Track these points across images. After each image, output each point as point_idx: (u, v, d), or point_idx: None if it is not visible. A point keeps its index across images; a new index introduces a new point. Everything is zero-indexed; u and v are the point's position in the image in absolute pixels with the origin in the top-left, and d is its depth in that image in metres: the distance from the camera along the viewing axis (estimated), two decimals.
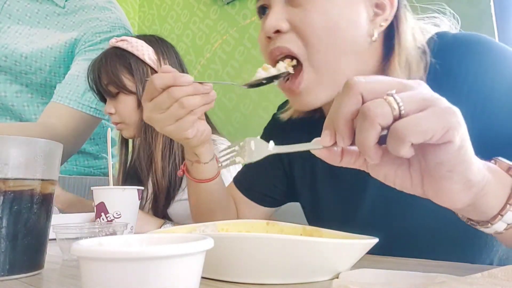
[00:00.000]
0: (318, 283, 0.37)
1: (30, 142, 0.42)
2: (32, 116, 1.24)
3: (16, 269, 0.40)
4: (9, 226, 0.39)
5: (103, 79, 0.92)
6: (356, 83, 0.31)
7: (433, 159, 0.31)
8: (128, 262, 0.23)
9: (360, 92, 0.31)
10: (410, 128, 0.28)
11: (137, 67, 0.92)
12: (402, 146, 0.29)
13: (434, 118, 0.29)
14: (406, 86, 0.31)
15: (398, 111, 0.29)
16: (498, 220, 0.34)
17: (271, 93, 1.44)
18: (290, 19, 0.50)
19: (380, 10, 0.52)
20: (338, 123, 0.32)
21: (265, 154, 0.40)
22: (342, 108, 0.31)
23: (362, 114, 0.30)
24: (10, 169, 0.40)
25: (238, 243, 0.36)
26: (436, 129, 0.28)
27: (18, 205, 0.40)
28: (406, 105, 0.29)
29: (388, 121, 0.29)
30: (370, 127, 0.29)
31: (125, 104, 0.93)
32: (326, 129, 0.34)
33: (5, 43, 1.18)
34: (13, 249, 0.40)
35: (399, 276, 0.34)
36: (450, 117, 0.29)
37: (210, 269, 0.37)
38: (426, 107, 0.29)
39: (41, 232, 0.43)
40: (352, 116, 0.31)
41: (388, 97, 0.29)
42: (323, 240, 0.36)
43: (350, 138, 0.32)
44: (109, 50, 0.95)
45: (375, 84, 0.31)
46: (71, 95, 1.14)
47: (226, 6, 1.65)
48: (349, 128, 0.32)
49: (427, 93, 0.30)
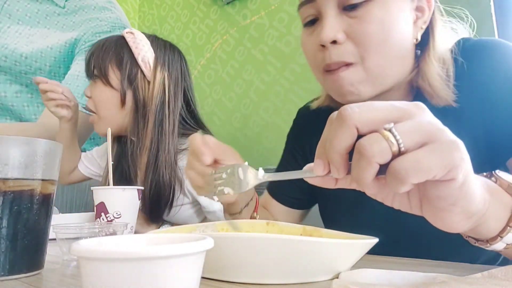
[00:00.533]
0: (318, 283, 0.37)
1: (30, 142, 0.42)
2: (32, 116, 1.24)
3: (16, 269, 0.40)
4: (9, 226, 0.39)
5: (93, 60, 0.88)
6: (350, 114, 0.29)
7: (433, 193, 0.29)
8: (128, 262, 0.23)
9: (355, 125, 0.29)
10: (410, 168, 0.27)
11: (126, 64, 0.87)
12: (402, 187, 0.28)
13: (437, 156, 0.27)
14: (404, 113, 0.29)
15: (397, 148, 0.27)
16: (497, 241, 0.34)
17: (271, 93, 1.44)
18: (347, 30, 0.51)
19: (420, 13, 0.53)
20: (332, 157, 0.30)
21: (255, 183, 0.39)
22: (336, 142, 0.29)
23: (359, 152, 0.28)
24: (10, 169, 0.40)
25: (238, 243, 0.36)
26: (439, 169, 0.27)
27: (18, 205, 0.40)
28: (406, 141, 0.27)
29: (386, 158, 0.28)
30: (367, 165, 0.28)
31: (100, 92, 0.89)
32: (319, 158, 0.32)
33: (5, 43, 1.19)
34: (13, 249, 0.40)
35: (399, 276, 0.34)
36: (453, 154, 0.27)
37: (210, 269, 0.37)
38: (428, 141, 0.27)
39: (41, 232, 0.43)
40: (347, 150, 0.30)
41: (385, 131, 0.28)
42: (323, 240, 0.36)
43: (345, 170, 0.31)
44: (115, 37, 0.92)
45: (370, 114, 0.29)
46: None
47: (226, 6, 1.65)
48: (344, 160, 0.30)
49: (428, 124, 0.28)
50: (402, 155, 0.27)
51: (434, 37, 0.54)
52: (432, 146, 0.27)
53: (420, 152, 0.27)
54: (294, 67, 1.38)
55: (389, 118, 0.28)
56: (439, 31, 0.54)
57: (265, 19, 1.50)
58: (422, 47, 0.55)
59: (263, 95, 1.47)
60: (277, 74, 1.43)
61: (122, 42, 0.90)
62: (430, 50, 0.54)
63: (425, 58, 0.54)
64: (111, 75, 0.87)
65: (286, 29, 1.42)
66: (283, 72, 1.41)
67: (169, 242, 0.30)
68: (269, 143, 1.42)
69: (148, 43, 0.91)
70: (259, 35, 1.52)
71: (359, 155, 0.28)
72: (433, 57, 0.53)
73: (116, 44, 0.89)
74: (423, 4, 0.53)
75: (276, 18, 1.45)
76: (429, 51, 0.54)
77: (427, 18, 0.54)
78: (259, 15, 1.52)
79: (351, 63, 0.51)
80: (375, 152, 0.27)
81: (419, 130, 0.28)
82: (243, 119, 1.50)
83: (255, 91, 1.50)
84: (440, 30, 0.55)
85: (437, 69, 0.53)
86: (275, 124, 1.42)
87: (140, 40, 0.90)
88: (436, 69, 0.53)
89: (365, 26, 0.50)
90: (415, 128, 0.28)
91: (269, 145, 1.42)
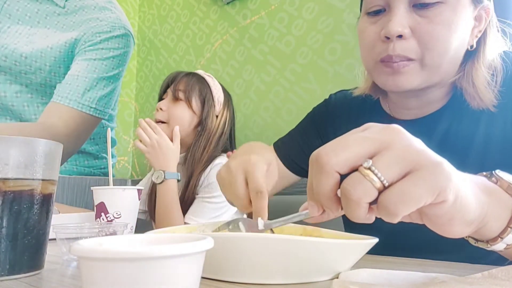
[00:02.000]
0: (318, 283, 0.37)
1: (30, 142, 0.42)
2: (32, 116, 1.24)
3: (16, 269, 0.40)
4: (9, 226, 0.40)
5: (180, 85, 1.11)
6: (327, 161, 0.29)
7: (429, 213, 0.30)
8: (127, 262, 0.23)
9: (334, 170, 0.29)
10: (399, 202, 0.27)
11: (208, 99, 1.13)
12: (395, 218, 0.28)
13: (422, 184, 0.27)
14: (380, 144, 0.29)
15: (381, 184, 0.28)
16: (498, 242, 0.34)
17: (270, 93, 1.44)
18: (413, 27, 0.52)
19: (478, 22, 0.56)
20: (322, 201, 0.31)
21: None
22: (321, 188, 0.30)
23: (344, 196, 0.29)
24: (10, 169, 0.40)
25: (237, 243, 0.36)
26: (427, 196, 0.27)
27: (18, 205, 0.40)
28: (388, 175, 0.27)
29: (373, 196, 0.28)
30: (356, 207, 0.28)
31: (182, 111, 1.10)
32: (312, 201, 0.32)
33: (5, 43, 1.18)
34: (13, 249, 0.40)
35: (399, 276, 0.34)
36: (438, 178, 0.27)
37: (210, 269, 0.37)
38: (411, 169, 0.28)
39: (41, 232, 0.43)
40: (334, 192, 0.30)
41: (365, 170, 0.28)
42: (323, 240, 0.36)
43: (338, 208, 0.31)
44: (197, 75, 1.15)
45: (347, 154, 0.29)
46: (71, 95, 1.14)
47: (226, 6, 1.65)
48: (335, 201, 0.31)
49: (407, 150, 0.28)
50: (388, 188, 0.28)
51: (486, 45, 0.56)
52: (416, 175, 0.27)
53: (405, 183, 0.27)
54: (294, 67, 1.38)
55: (365, 153, 0.29)
56: (491, 40, 0.57)
57: (265, 19, 1.50)
58: (471, 52, 0.57)
59: (264, 95, 1.47)
60: (277, 74, 1.43)
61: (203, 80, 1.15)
62: (480, 57, 0.56)
63: (474, 63, 0.56)
64: (193, 102, 1.11)
65: (286, 29, 1.42)
66: (283, 72, 1.41)
67: (169, 242, 0.30)
68: (269, 143, 1.42)
69: (220, 87, 1.18)
70: (259, 35, 1.52)
71: (346, 199, 0.29)
72: (482, 63, 0.55)
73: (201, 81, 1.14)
74: (482, 14, 0.56)
75: (276, 18, 1.45)
76: (479, 57, 0.56)
77: (483, 27, 0.56)
78: (259, 15, 1.52)
79: (412, 59, 0.53)
80: (360, 194, 0.28)
81: (399, 160, 0.28)
82: (243, 119, 1.50)
83: (255, 91, 1.50)
84: (492, 39, 0.57)
85: (485, 74, 0.55)
86: (275, 124, 1.42)
87: (217, 84, 1.17)
88: (484, 74, 0.55)
89: (433, 27, 0.51)
90: (395, 159, 0.28)
91: (269, 145, 1.42)
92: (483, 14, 0.56)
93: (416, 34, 0.52)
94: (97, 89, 1.19)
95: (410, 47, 0.52)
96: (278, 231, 0.52)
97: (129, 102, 2.10)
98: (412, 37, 0.52)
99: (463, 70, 0.57)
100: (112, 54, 1.22)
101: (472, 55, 0.57)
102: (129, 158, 2.02)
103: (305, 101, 1.33)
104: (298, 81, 1.36)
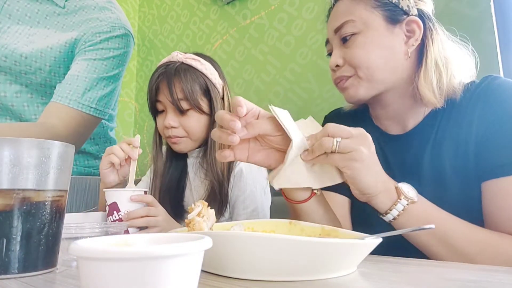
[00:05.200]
0: (321, 281, 0.37)
1: (43, 144, 0.42)
2: (32, 116, 1.24)
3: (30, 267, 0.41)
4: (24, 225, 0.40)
5: (178, 93, 0.94)
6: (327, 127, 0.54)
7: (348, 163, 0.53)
8: (126, 262, 0.23)
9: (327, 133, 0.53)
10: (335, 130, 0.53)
11: (213, 91, 0.98)
12: None
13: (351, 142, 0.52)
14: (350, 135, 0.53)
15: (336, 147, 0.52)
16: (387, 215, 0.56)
17: (270, 93, 1.44)
18: (344, 55, 0.69)
19: (411, 34, 0.68)
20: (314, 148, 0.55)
21: None
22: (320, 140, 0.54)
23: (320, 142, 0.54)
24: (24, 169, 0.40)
25: (239, 241, 0.36)
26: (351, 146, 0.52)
27: (31, 206, 0.40)
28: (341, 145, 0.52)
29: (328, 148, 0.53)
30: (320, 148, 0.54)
31: (195, 121, 0.97)
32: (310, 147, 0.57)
33: (5, 43, 1.18)
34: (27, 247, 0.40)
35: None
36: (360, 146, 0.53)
37: (212, 264, 0.37)
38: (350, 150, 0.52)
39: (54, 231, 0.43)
40: None
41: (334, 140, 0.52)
42: (326, 241, 0.37)
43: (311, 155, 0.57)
44: (182, 65, 0.97)
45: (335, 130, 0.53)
46: (71, 95, 1.14)
47: (226, 6, 1.65)
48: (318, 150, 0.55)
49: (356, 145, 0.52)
50: None
51: (427, 52, 0.66)
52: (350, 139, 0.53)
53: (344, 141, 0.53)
54: (294, 67, 1.38)
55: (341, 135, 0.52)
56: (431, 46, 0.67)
57: (265, 19, 1.50)
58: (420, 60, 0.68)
59: (263, 95, 1.47)
60: (277, 74, 1.43)
61: (194, 71, 0.97)
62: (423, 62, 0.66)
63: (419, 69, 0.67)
64: (202, 104, 0.97)
65: (286, 29, 1.42)
66: (283, 72, 1.41)
67: (168, 242, 0.30)
68: None
69: (210, 66, 1.01)
70: (259, 35, 1.52)
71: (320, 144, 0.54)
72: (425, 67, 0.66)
73: (195, 75, 0.97)
74: (413, 27, 0.67)
75: (276, 18, 1.46)
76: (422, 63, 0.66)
77: (418, 37, 0.67)
78: (259, 15, 1.52)
79: (349, 76, 0.69)
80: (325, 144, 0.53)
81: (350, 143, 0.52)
82: None
83: (255, 91, 1.50)
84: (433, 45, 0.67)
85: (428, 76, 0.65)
86: None
87: (206, 64, 1.00)
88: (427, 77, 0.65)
89: (352, 51, 0.68)
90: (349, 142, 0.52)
91: None
92: (415, 26, 0.67)
93: (347, 61, 0.69)
94: (97, 89, 1.19)
95: (345, 70, 0.69)
96: (299, 230, 0.54)
97: (129, 102, 2.10)
98: (345, 63, 0.69)
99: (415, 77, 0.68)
100: (112, 54, 1.22)
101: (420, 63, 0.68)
102: None
103: (305, 101, 1.33)
104: (298, 81, 1.36)
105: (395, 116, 0.73)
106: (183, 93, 0.94)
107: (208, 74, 0.98)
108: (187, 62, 0.97)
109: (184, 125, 0.97)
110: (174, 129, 0.97)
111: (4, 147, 0.40)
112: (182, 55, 0.99)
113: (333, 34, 0.72)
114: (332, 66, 0.71)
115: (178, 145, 1.00)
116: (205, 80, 0.98)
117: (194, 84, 0.96)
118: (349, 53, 0.68)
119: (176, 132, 0.98)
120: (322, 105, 1.27)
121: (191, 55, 0.99)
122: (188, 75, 0.96)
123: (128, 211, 0.78)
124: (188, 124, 0.97)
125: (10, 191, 0.40)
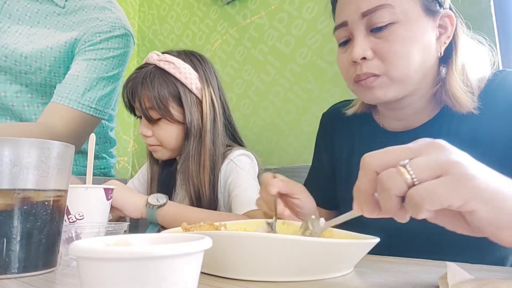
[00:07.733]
0: (320, 281, 0.37)
1: (43, 144, 0.42)
2: (32, 116, 1.24)
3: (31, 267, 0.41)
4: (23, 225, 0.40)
5: (146, 102, 0.89)
6: (368, 161, 0.33)
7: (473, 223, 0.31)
8: (126, 261, 0.23)
9: (374, 170, 0.33)
10: (424, 196, 0.29)
11: (186, 98, 0.90)
12: (420, 212, 0.30)
13: (449, 187, 0.29)
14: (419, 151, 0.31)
15: (411, 181, 0.30)
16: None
17: (270, 93, 1.44)
18: (375, 48, 0.59)
19: (443, 30, 0.61)
20: (360, 199, 0.34)
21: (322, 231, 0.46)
22: (361, 186, 0.34)
23: (379, 186, 0.32)
24: (24, 169, 0.40)
25: (239, 241, 0.36)
26: (452, 199, 0.29)
27: (32, 205, 0.40)
28: (418, 173, 0.30)
29: (402, 190, 0.31)
30: (388, 198, 0.32)
31: (166, 131, 0.92)
32: (355, 200, 0.36)
33: (5, 43, 1.18)
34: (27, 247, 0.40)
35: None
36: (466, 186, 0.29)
37: (212, 266, 0.37)
38: (441, 174, 0.30)
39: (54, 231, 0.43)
40: (372, 191, 0.34)
41: (400, 167, 0.31)
42: (324, 241, 0.36)
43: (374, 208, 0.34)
44: (153, 70, 0.91)
45: (386, 157, 0.33)
46: (71, 95, 1.14)
47: (226, 6, 1.65)
48: (371, 201, 0.34)
49: (442, 158, 0.30)
50: None
51: (457, 50, 0.60)
52: (445, 178, 0.30)
53: (433, 182, 0.30)
54: (294, 67, 1.38)
55: (403, 157, 0.32)
56: (461, 45, 0.61)
57: (265, 19, 1.50)
58: (446, 60, 0.61)
59: (263, 95, 1.47)
60: (277, 74, 1.43)
61: (167, 76, 0.89)
62: (453, 63, 0.60)
63: (448, 70, 0.60)
64: (174, 112, 0.90)
65: (286, 29, 1.42)
66: (283, 72, 1.41)
67: (168, 242, 0.30)
68: (269, 143, 1.42)
69: (189, 67, 0.92)
70: (259, 35, 1.52)
71: (380, 189, 0.32)
72: (455, 70, 0.60)
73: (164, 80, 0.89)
74: (446, 22, 0.60)
75: (276, 18, 1.45)
76: (452, 64, 0.60)
77: (450, 33, 0.61)
78: (259, 15, 1.52)
79: (378, 75, 0.59)
80: (391, 185, 0.31)
81: (433, 164, 0.30)
82: (243, 119, 1.50)
83: (255, 91, 1.50)
84: (462, 43, 0.61)
85: (458, 80, 0.59)
86: (275, 124, 1.42)
87: (184, 68, 0.91)
88: (457, 79, 0.59)
89: (389, 45, 0.57)
90: (429, 162, 0.30)
91: (269, 145, 1.42)
92: (447, 21, 0.60)
93: (377, 54, 0.59)
94: (97, 89, 1.19)
95: (374, 65, 0.59)
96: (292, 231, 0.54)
97: None
98: (375, 57, 0.59)
99: (442, 79, 0.62)
100: (112, 54, 1.22)
101: (448, 63, 0.61)
102: (129, 158, 2.02)
103: (305, 101, 1.33)
104: (298, 81, 1.36)
105: (404, 117, 0.66)
106: (150, 102, 0.88)
107: (182, 78, 0.90)
108: (160, 65, 0.91)
109: (156, 135, 0.93)
110: (149, 138, 0.94)
111: (4, 147, 0.40)
112: (157, 56, 0.93)
113: (358, 18, 0.59)
114: (357, 58, 0.59)
115: (156, 153, 0.98)
116: (177, 86, 0.89)
117: (163, 92, 0.88)
118: (385, 46, 0.57)
119: (149, 141, 0.95)
120: (322, 105, 1.27)
121: (166, 56, 0.92)
122: (157, 82, 0.88)
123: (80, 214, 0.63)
124: (159, 134, 0.93)
125: (10, 191, 0.40)
